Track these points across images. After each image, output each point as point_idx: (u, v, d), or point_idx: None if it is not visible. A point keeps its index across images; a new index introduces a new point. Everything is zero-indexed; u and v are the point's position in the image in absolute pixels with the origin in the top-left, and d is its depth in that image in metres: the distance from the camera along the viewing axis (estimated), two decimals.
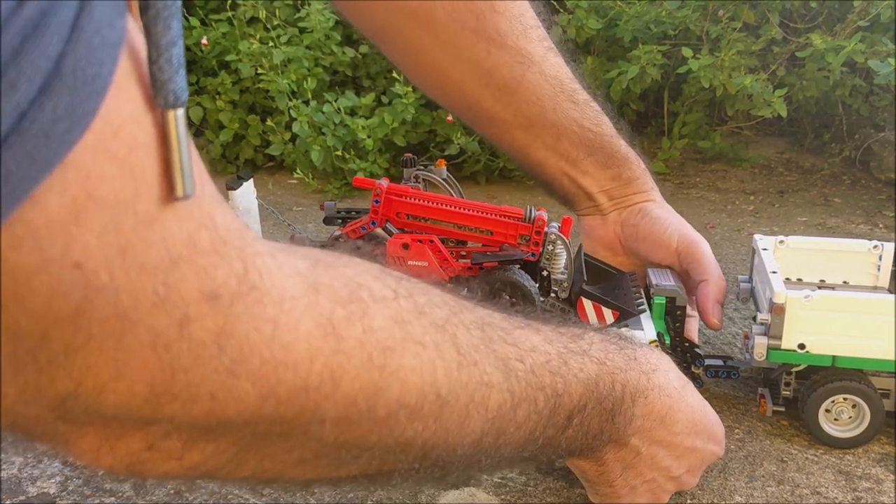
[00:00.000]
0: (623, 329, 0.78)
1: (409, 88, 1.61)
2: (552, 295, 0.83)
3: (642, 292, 0.84)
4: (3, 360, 0.31)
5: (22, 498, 0.72)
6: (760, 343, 0.79)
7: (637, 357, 0.61)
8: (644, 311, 0.81)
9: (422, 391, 0.44)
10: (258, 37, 1.71)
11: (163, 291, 0.32)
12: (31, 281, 0.29)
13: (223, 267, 0.35)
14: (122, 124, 0.31)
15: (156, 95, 0.32)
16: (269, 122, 1.70)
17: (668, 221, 0.86)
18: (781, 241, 0.90)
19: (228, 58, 1.72)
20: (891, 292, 0.89)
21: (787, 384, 0.83)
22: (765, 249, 0.87)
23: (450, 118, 1.61)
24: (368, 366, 0.41)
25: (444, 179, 0.91)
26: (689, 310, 0.83)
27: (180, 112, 0.33)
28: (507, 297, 0.89)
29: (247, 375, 0.36)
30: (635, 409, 0.60)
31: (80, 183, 0.29)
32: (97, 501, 0.72)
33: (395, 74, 1.64)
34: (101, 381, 0.33)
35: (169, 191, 0.32)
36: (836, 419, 0.81)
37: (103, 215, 0.30)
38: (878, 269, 0.90)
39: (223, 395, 0.36)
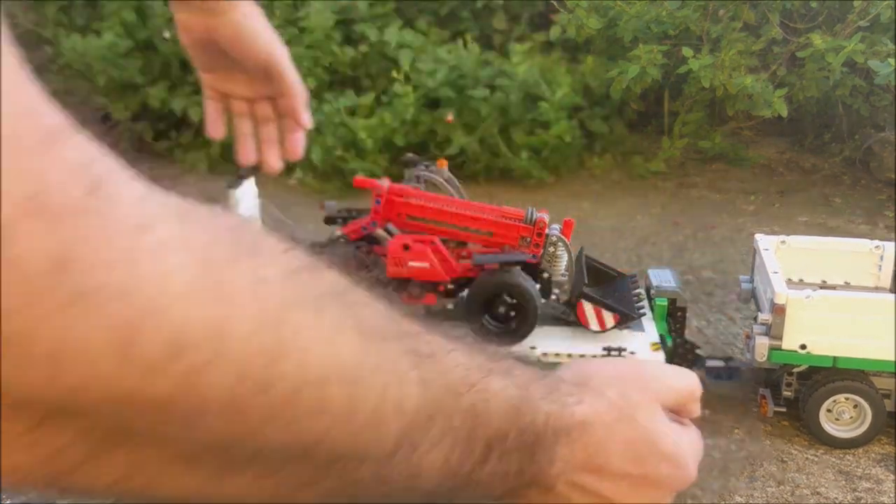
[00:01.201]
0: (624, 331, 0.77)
1: (409, 88, 1.61)
2: (553, 297, 0.83)
3: (643, 294, 0.84)
4: None
5: (22, 498, 0.72)
6: (762, 343, 0.79)
7: (560, 388, 0.54)
8: (644, 314, 0.81)
9: (325, 367, 0.35)
10: None
11: None
12: None
13: (54, 171, 0.27)
14: None
15: None
16: None
17: (255, 32, 0.90)
18: (783, 242, 0.90)
19: None
20: (892, 292, 0.89)
21: (789, 384, 0.83)
22: (766, 250, 0.87)
23: (450, 118, 1.61)
24: (262, 319, 0.32)
25: (445, 179, 0.91)
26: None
27: None
28: (507, 299, 0.88)
29: (97, 319, 0.28)
30: (557, 449, 0.52)
31: None
32: (97, 502, 0.72)
33: (395, 74, 1.64)
34: None
35: None
36: (837, 419, 0.81)
37: None
38: (880, 270, 0.90)
39: (70, 353, 0.27)
